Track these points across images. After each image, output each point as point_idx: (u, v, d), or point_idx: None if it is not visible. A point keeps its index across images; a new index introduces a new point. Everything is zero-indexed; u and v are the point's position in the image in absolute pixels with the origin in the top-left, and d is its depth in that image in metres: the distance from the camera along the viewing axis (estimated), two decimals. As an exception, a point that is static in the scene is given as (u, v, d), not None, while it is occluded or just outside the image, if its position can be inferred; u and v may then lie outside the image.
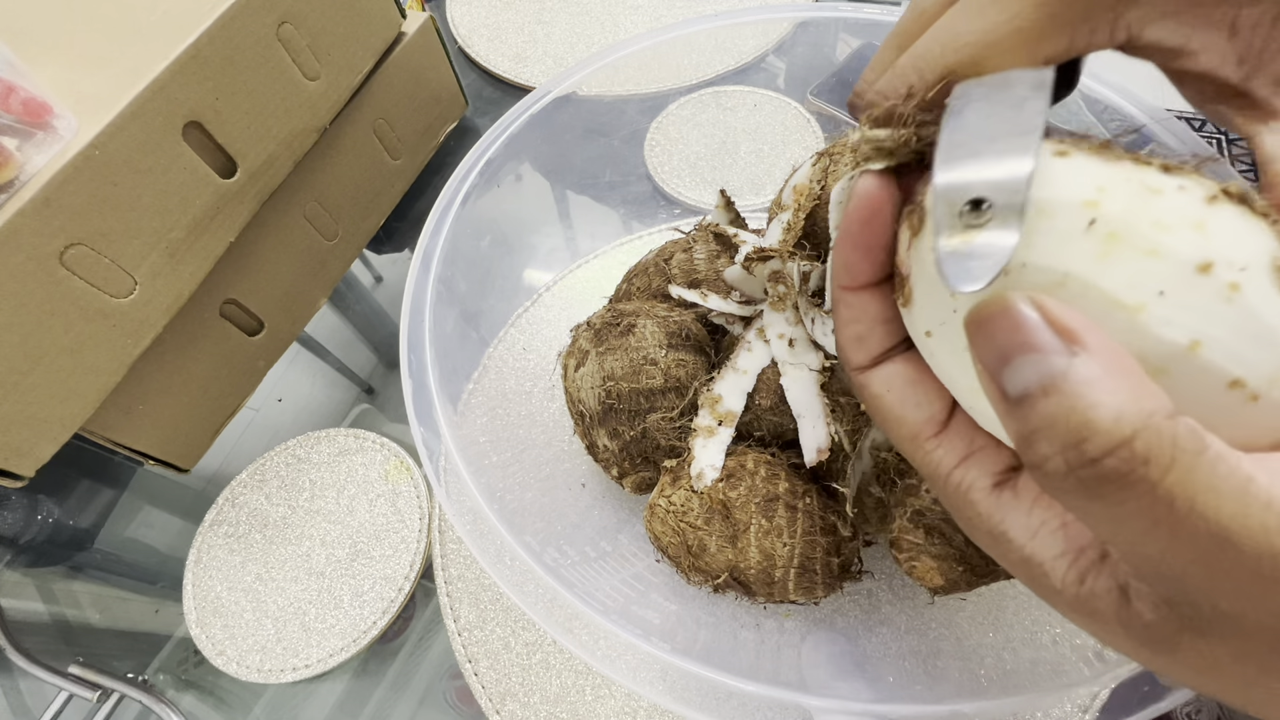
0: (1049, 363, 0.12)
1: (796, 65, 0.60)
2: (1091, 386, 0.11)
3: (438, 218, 0.37)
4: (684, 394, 0.34)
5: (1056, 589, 0.14)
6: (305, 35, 0.42)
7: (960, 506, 0.16)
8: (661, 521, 0.32)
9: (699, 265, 0.37)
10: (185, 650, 0.40)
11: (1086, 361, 0.12)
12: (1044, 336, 0.12)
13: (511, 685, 0.36)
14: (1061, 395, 0.11)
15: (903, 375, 0.17)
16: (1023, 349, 0.12)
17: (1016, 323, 0.12)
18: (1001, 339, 0.12)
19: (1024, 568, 0.15)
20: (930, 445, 0.16)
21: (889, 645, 0.34)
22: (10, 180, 0.32)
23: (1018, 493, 0.15)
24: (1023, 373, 0.12)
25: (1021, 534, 0.15)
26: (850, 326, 0.17)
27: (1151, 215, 0.13)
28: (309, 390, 0.50)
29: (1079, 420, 0.11)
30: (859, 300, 0.17)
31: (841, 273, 0.17)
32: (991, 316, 0.13)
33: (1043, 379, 0.12)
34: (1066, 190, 0.13)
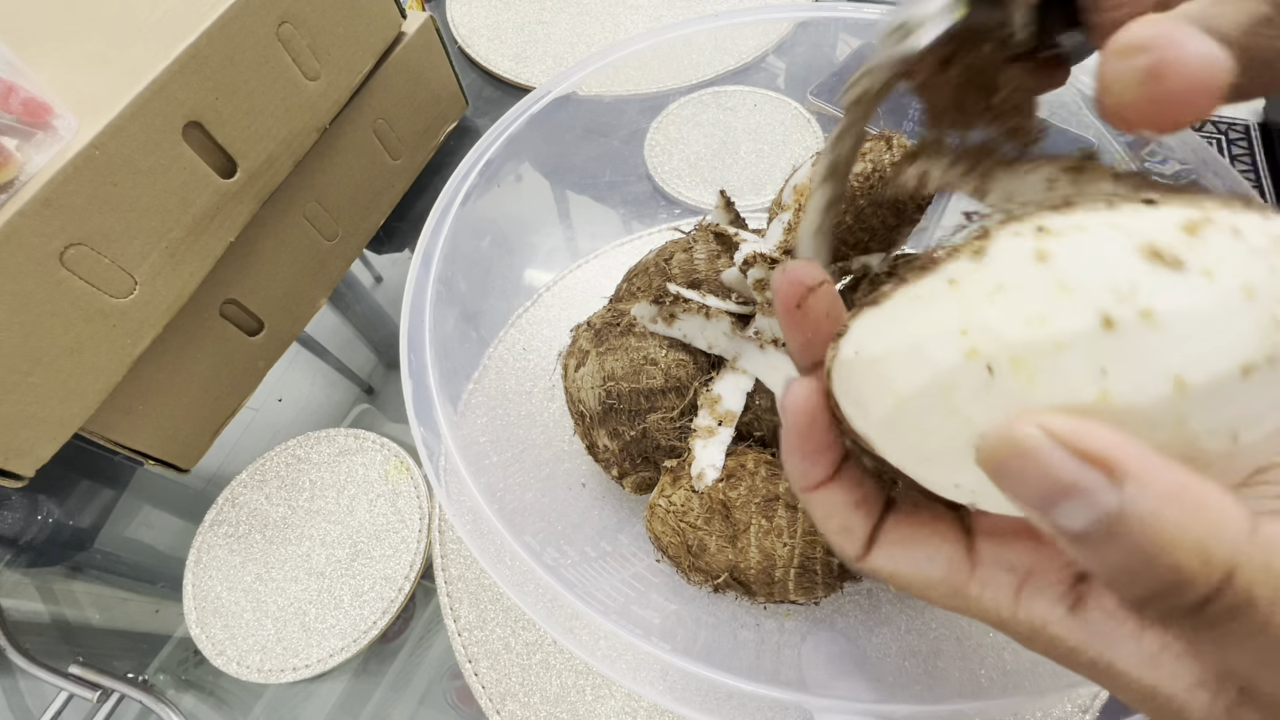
0: (1098, 503, 0.10)
1: (796, 65, 0.60)
2: (1157, 523, 0.10)
3: (438, 218, 0.37)
4: (684, 394, 0.34)
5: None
6: (305, 35, 0.42)
7: (1049, 648, 0.14)
8: (661, 521, 0.32)
9: (699, 265, 0.37)
10: (185, 650, 0.40)
11: (1139, 493, 0.10)
12: (1078, 473, 0.10)
13: (511, 685, 0.36)
14: (1130, 538, 0.10)
15: (900, 542, 0.16)
16: (1062, 494, 0.10)
17: (1041, 466, 0.11)
18: (1032, 485, 0.11)
19: (1149, 702, 0.13)
20: (975, 593, 0.15)
21: (889, 645, 0.34)
22: (10, 180, 0.32)
23: (1110, 611, 0.13)
24: (1073, 517, 0.10)
25: (1135, 665, 0.12)
26: (830, 521, 0.16)
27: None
28: (309, 390, 0.50)
29: (1165, 566, 0.10)
30: (826, 496, 0.16)
31: (799, 479, 0.16)
32: (1008, 460, 0.11)
33: (1099, 523, 0.10)
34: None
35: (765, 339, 0.33)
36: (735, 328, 0.34)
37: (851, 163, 0.19)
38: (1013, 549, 0.15)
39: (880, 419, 0.15)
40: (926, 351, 0.13)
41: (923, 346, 0.13)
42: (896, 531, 0.16)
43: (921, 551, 0.15)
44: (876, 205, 0.32)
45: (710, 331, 0.34)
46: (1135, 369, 0.11)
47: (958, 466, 0.13)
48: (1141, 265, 0.12)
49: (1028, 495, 0.11)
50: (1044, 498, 0.11)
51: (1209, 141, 0.51)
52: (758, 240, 0.35)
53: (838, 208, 0.20)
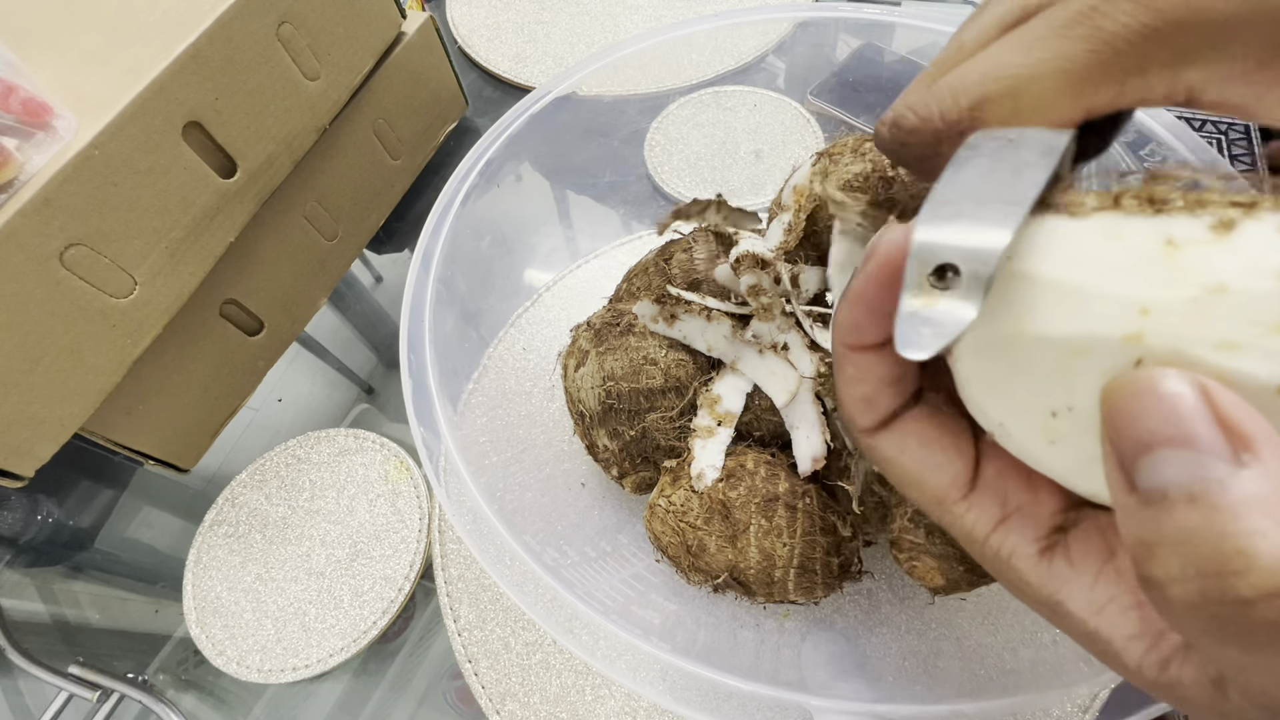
0: (1205, 465, 0.10)
1: (796, 65, 0.60)
2: (1254, 509, 0.09)
3: (438, 218, 0.37)
4: (684, 394, 0.34)
5: (1130, 668, 0.13)
6: (305, 35, 0.42)
7: (1003, 573, 0.14)
8: (661, 521, 0.32)
9: (699, 265, 0.37)
10: (185, 650, 0.40)
11: (1256, 476, 0.09)
12: (1206, 431, 0.10)
13: (511, 685, 0.36)
14: (1213, 509, 0.09)
15: (916, 435, 0.15)
16: (1175, 441, 0.10)
17: (1173, 409, 0.10)
18: (1151, 423, 0.10)
19: (1089, 642, 0.13)
20: (959, 509, 0.15)
21: (889, 645, 0.34)
22: (10, 180, 0.32)
23: (1074, 562, 0.13)
24: (1167, 469, 0.10)
25: (1084, 608, 0.13)
26: (855, 386, 0.16)
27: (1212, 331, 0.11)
28: (309, 390, 0.50)
29: (1231, 547, 0.09)
30: (865, 360, 0.15)
31: (848, 332, 0.15)
32: (1141, 393, 0.11)
33: (1192, 482, 0.10)
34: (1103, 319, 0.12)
35: (764, 344, 0.33)
36: (735, 330, 0.34)
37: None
38: (1010, 485, 0.15)
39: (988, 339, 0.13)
40: (1091, 308, 0.12)
41: (1090, 300, 0.12)
42: (915, 425, 0.16)
43: (933, 456, 0.15)
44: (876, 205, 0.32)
45: (710, 334, 0.34)
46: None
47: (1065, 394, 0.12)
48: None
49: (1130, 432, 0.11)
50: (1147, 440, 0.10)
51: (1209, 141, 0.51)
52: (757, 239, 0.35)
53: None
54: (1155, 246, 0.12)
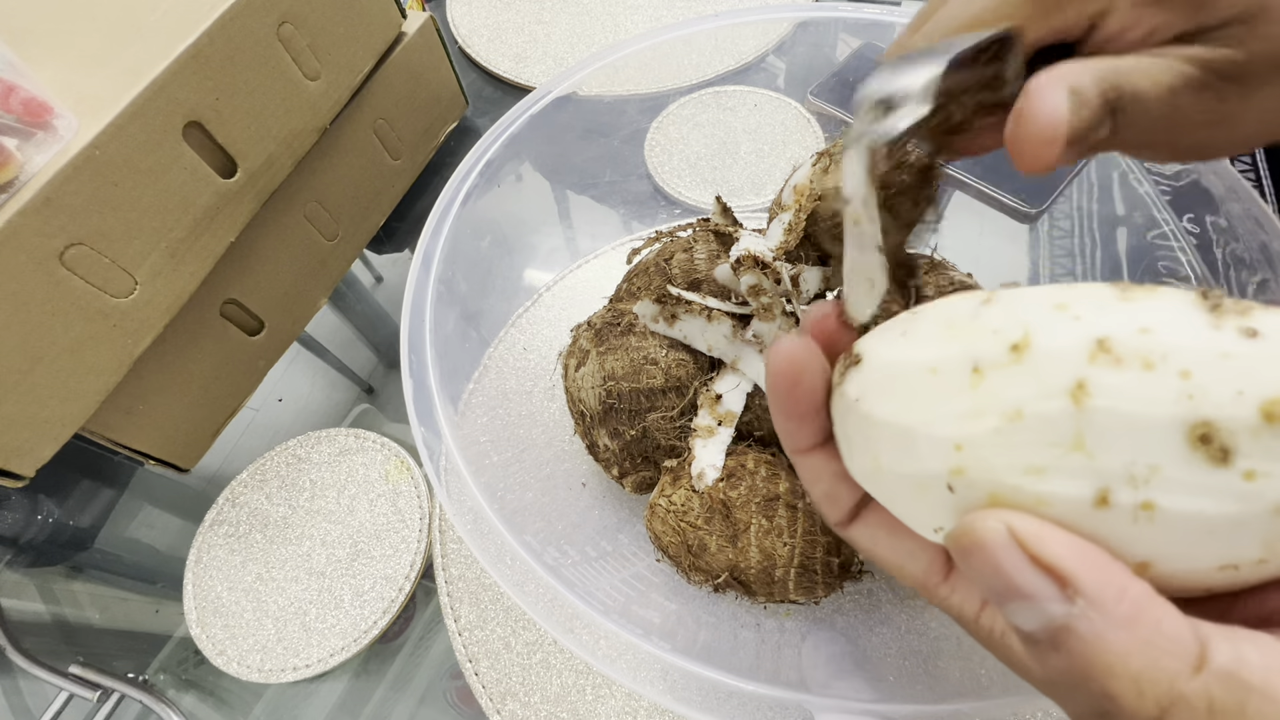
0: (1045, 610, 0.10)
1: (796, 65, 0.60)
2: (1101, 645, 0.10)
3: (438, 218, 0.37)
4: (684, 394, 0.34)
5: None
6: (305, 35, 0.42)
7: (1000, 652, 0.14)
8: (662, 521, 0.32)
9: (699, 265, 0.37)
10: (185, 650, 0.40)
11: (1087, 612, 0.10)
12: (1033, 581, 0.11)
13: (512, 685, 0.36)
14: (1070, 654, 0.10)
15: (885, 526, 0.16)
16: (1014, 594, 0.11)
17: (998, 564, 0.11)
18: (990, 579, 0.11)
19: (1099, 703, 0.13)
20: (944, 592, 0.15)
21: (889, 645, 0.34)
22: (10, 180, 0.32)
23: None
24: (1023, 615, 0.11)
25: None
26: (815, 486, 0.17)
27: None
28: (309, 390, 0.50)
29: (1098, 689, 0.10)
30: (813, 461, 0.16)
31: (787, 440, 0.16)
32: (970, 549, 0.11)
33: (1045, 629, 0.10)
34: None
35: (765, 343, 0.33)
36: (736, 330, 0.34)
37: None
38: None
39: (861, 471, 0.15)
40: (917, 448, 0.13)
41: (916, 441, 0.13)
42: (883, 515, 0.16)
43: (905, 545, 0.16)
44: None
45: (711, 334, 0.34)
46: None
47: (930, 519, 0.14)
48: (1180, 451, 0.11)
49: (985, 587, 0.11)
50: (998, 594, 0.11)
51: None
52: (757, 238, 0.35)
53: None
54: (963, 376, 0.12)
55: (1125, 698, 0.10)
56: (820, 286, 0.35)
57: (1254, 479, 0.10)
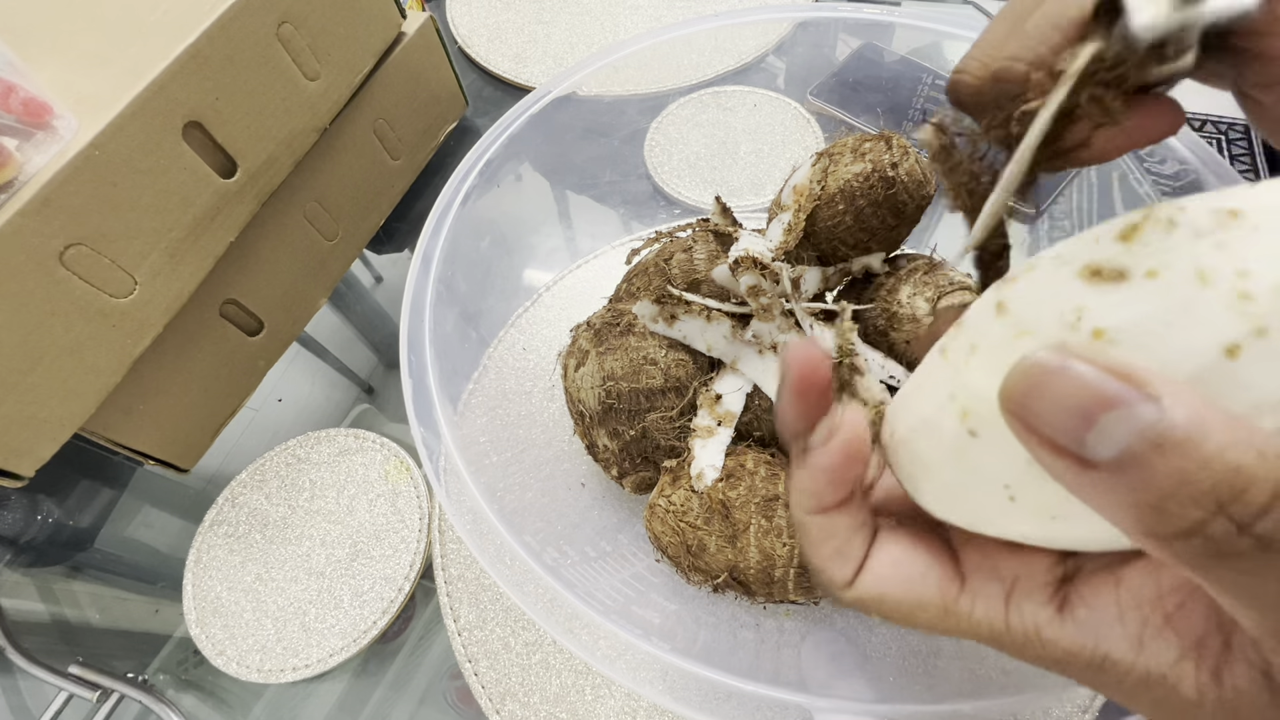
0: (1140, 414, 0.10)
1: (796, 65, 0.60)
2: (1207, 431, 0.09)
3: (438, 218, 0.37)
4: (684, 394, 0.34)
5: (1194, 700, 0.12)
6: (305, 35, 0.42)
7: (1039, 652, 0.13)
8: (661, 521, 0.32)
9: (699, 266, 0.37)
10: (185, 650, 0.40)
11: (1176, 405, 0.10)
12: (1114, 386, 0.10)
13: (511, 685, 0.36)
14: (1181, 446, 0.09)
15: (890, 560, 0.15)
16: (1102, 404, 0.10)
17: (1074, 377, 0.10)
18: (1068, 401, 0.10)
19: (1146, 691, 0.12)
20: (965, 607, 0.14)
21: (889, 645, 0.34)
22: (10, 180, 0.32)
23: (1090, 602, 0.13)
24: (1115, 433, 0.10)
25: (1126, 648, 0.12)
26: (825, 545, 0.16)
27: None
28: (309, 390, 0.50)
29: (1222, 468, 0.09)
30: (830, 519, 0.16)
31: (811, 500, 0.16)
32: (1038, 383, 0.11)
33: (1145, 434, 0.10)
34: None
35: (764, 344, 0.33)
36: (735, 331, 0.34)
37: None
38: (996, 558, 0.15)
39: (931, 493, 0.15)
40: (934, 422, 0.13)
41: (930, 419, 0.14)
42: (884, 553, 0.16)
43: (912, 570, 0.15)
44: (876, 205, 0.32)
45: (710, 334, 0.34)
46: None
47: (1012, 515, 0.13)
48: (1084, 289, 0.11)
49: (1060, 422, 0.10)
50: (1082, 415, 0.10)
51: (1209, 141, 0.51)
52: (756, 238, 0.35)
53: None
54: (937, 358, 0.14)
55: (1251, 465, 0.09)
56: (820, 286, 0.35)
57: (1156, 275, 0.11)
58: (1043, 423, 0.11)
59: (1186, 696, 0.12)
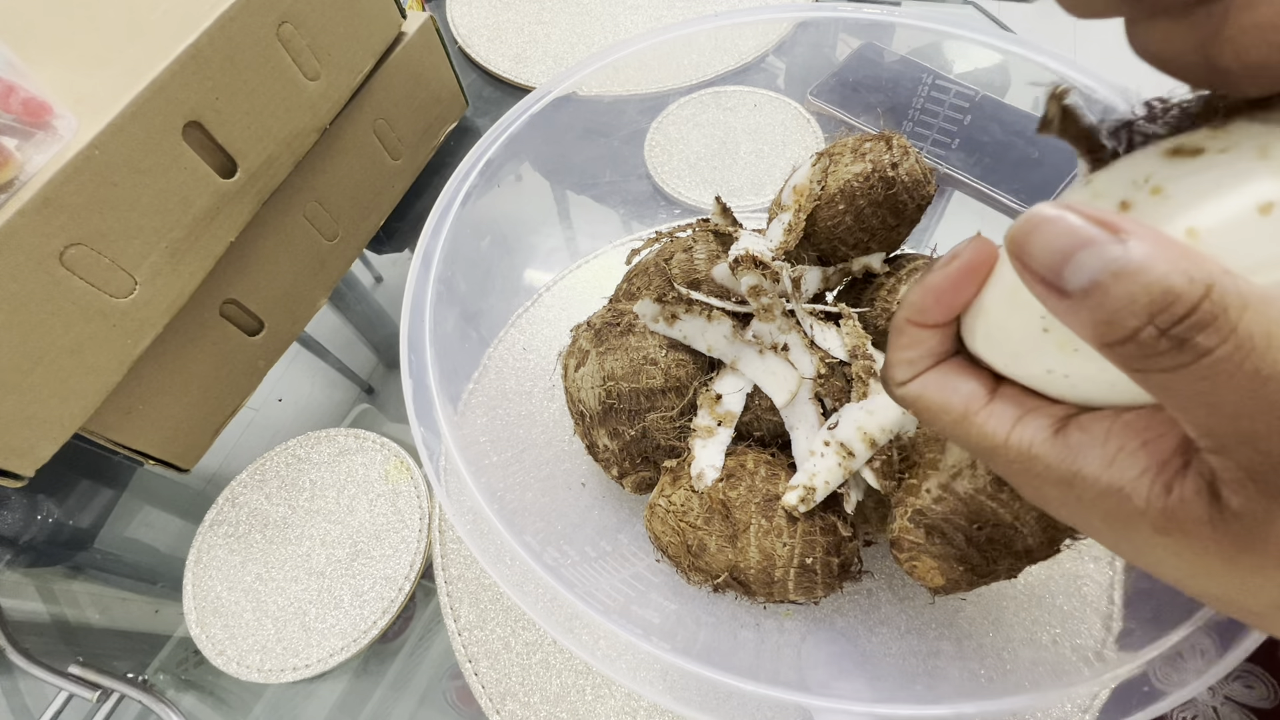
0: (1107, 251, 0.12)
1: (796, 65, 0.60)
2: (1155, 260, 0.12)
3: (438, 218, 0.37)
4: (684, 394, 0.34)
5: (1141, 509, 0.14)
6: (305, 35, 0.42)
7: (1025, 466, 0.16)
8: (661, 521, 0.32)
9: (699, 266, 0.37)
10: (185, 650, 0.40)
11: (1138, 244, 0.12)
12: (1093, 231, 0.13)
13: (511, 685, 0.36)
14: (1133, 274, 0.12)
15: (940, 373, 0.18)
16: (1080, 244, 0.13)
17: (1063, 225, 0.13)
18: (1055, 242, 0.13)
19: (1102, 502, 0.15)
20: (981, 418, 0.17)
21: (889, 645, 0.34)
22: (10, 180, 0.32)
23: (1085, 428, 0.15)
24: (1086, 265, 0.13)
25: (1098, 465, 0.14)
26: (905, 352, 0.18)
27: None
28: (309, 390, 0.50)
29: (1160, 289, 0.12)
30: (922, 334, 0.18)
31: (915, 312, 0.18)
32: (1035, 227, 0.13)
33: (1108, 265, 0.12)
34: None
35: (765, 344, 0.33)
36: (735, 331, 0.33)
37: None
38: (1025, 395, 0.17)
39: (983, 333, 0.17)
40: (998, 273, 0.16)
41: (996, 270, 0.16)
42: (945, 365, 0.18)
43: (953, 382, 0.18)
44: (876, 205, 0.32)
45: (711, 334, 0.34)
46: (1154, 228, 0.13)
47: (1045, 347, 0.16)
48: (1161, 161, 0.14)
49: (1045, 258, 0.13)
50: (1060, 254, 0.13)
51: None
52: (756, 238, 0.35)
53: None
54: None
55: (1180, 285, 0.12)
56: (820, 286, 0.35)
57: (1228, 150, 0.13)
58: (1032, 259, 0.13)
59: (1136, 506, 0.14)
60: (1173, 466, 0.14)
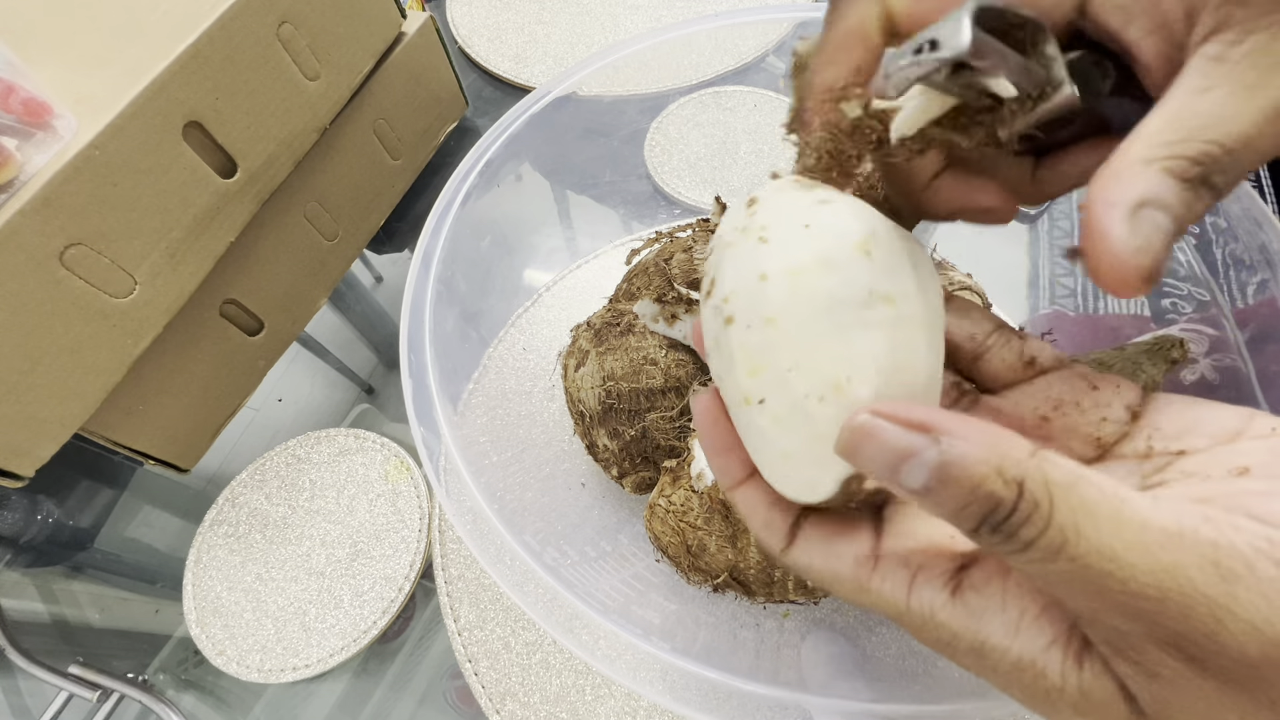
0: (927, 458, 0.12)
1: (796, 65, 0.59)
2: (969, 461, 0.12)
3: (438, 218, 0.37)
4: (684, 394, 0.34)
5: (1059, 686, 0.13)
6: (305, 35, 0.42)
7: (934, 634, 0.15)
8: (661, 521, 0.32)
9: (699, 265, 0.37)
10: (185, 650, 0.40)
11: (951, 442, 0.12)
12: (910, 439, 0.13)
13: (511, 685, 0.36)
14: (955, 481, 0.12)
15: (817, 536, 0.17)
16: (903, 457, 0.13)
17: (882, 439, 0.13)
18: (879, 457, 0.13)
19: (1018, 675, 0.14)
20: (875, 584, 0.16)
21: (889, 645, 0.34)
22: (10, 180, 0.32)
23: (980, 590, 0.15)
24: (914, 475, 0.13)
25: (1003, 635, 0.14)
26: (753, 519, 0.18)
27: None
28: (309, 390, 0.50)
29: (982, 494, 0.12)
30: (746, 495, 0.18)
31: (724, 478, 0.18)
32: (859, 441, 0.13)
33: (932, 473, 0.12)
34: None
35: None
36: None
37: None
38: (909, 548, 0.16)
39: (765, 467, 0.17)
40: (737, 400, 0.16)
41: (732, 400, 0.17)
42: (814, 529, 0.17)
43: (833, 548, 0.17)
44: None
45: None
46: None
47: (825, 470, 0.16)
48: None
49: (880, 467, 0.13)
50: (891, 465, 0.13)
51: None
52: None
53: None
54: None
55: (996, 488, 0.12)
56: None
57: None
58: (868, 469, 0.14)
59: (1052, 682, 0.14)
60: (1078, 637, 0.13)
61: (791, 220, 0.16)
